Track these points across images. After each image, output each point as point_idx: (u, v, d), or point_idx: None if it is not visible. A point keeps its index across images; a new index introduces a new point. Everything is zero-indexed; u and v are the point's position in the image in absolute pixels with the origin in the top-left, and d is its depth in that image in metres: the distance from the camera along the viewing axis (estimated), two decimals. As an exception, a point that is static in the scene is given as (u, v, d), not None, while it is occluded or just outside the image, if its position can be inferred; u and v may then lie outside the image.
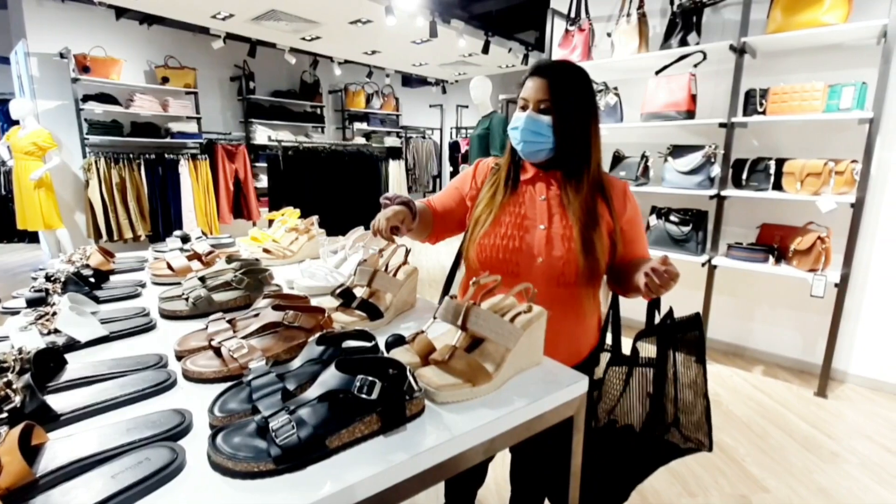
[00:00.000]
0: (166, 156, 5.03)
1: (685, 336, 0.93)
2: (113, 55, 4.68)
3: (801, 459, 1.97)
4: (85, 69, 4.46)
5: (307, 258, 1.51)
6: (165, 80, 5.12)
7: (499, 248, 1.01)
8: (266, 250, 1.49)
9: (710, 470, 1.89)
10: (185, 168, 5.15)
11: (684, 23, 2.68)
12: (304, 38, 5.17)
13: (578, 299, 1.00)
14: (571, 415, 0.73)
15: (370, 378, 0.57)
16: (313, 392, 0.58)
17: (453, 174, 8.14)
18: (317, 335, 0.71)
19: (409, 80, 7.83)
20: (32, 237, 5.01)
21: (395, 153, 7.37)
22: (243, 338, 0.78)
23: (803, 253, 2.43)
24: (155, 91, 5.06)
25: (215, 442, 0.53)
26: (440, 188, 8.89)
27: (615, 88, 3.01)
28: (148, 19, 4.87)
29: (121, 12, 4.75)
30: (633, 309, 1.23)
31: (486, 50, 4.81)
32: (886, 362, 2.51)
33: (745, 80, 2.57)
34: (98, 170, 4.58)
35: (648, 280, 0.83)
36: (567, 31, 3.15)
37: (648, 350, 0.93)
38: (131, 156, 4.80)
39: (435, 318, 0.77)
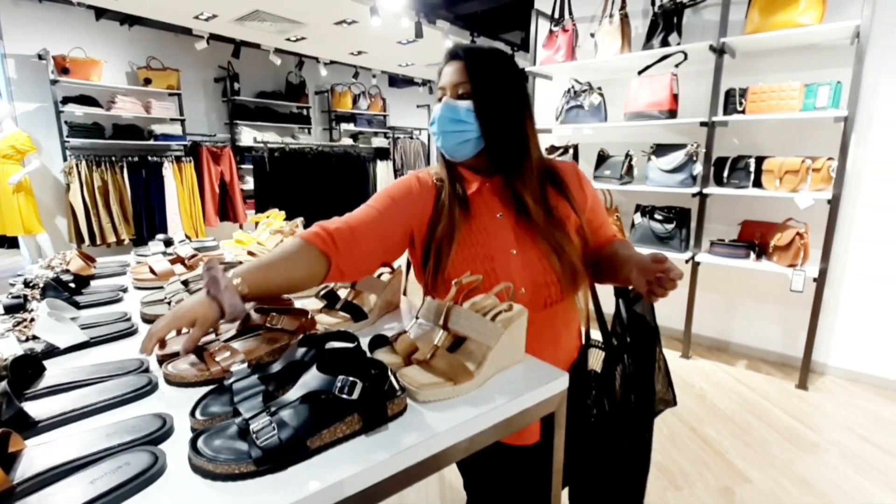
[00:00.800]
0: (150, 158, 4.97)
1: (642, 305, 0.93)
2: (93, 56, 4.61)
3: (783, 451, 2.01)
4: (64, 70, 4.38)
5: (292, 260, 1.50)
6: (148, 81, 5.05)
7: (477, 290, 0.82)
8: (251, 253, 1.48)
9: (695, 463, 1.93)
10: (169, 171, 5.09)
11: (665, 23, 2.72)
12: (289, 39, 5.15)
13: (566, 311, 0.95)
14: (553, 411, 0.75)
15: (351, 378, 0.57)
16: (294, 393, 0.58)
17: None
18: (299, 337, 0.71)
19: (396, 81, 7.82)
20: (12, 242, 4.91)
21: (382, 154, 7.35)
22: (225, 341, 0.77)
23: (783, 249, 2.49)
24: (137, 93, 4.99)
25: (196, 445, 0.53)
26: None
27: (599, 88, 3.05)
28: (129, 20, 4.80)
29: (100, 13, 4.68)
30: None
31: (471, 50, 4.82)
32: (864, 354, 2.57)
33: (725, 79, 2.61)
34: (79, 173, 4.51)
35: (653, 288, 0.82)
36: (551, 31, 3.18)
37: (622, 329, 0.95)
38: (114, 158, 4.73)
39: (417, 318, 0.78)
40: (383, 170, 7.21)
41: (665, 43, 2.72)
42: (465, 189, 0.93)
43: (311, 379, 0.59)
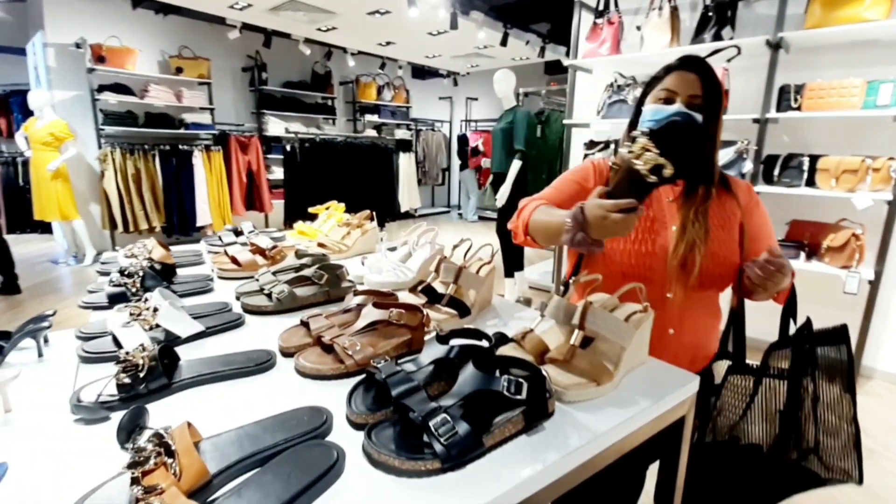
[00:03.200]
0: (180, 147, 5.02)
1: (827, 352, 0.88)
2: (128, 45, 4.64)
3: (838, 455, 1.98)
4: (100, 59, 4.42)
5: (362, 253, 1.51)
6: (179, 70, 5.08)
7: (630, 253, 0.96)
8: (321, 244, 1.49)
9: (749, 465, 1.91)
10: (198, 159, 5.13)
11: (718, 17, 2.65)
12: (319, 29, 5.13)
13: (710, 302, 0.97)
14: (683, 415, 0.74)
15: (518, 378, 0.57)
16: (460, 390, 0.58)
17: (462, 167, 8.12)
18: (434, 333, 0.71)
19: (420, 72, 7.77)
20: (45, 228, 5.00)
21: (405, 146, 7.35)
22: (352, 335, 0.78)
23: (836, 250, 2.44)
24: (169, 81, 5.02)
25: (373, 440, 0.53)
26: (449, 181, 8.89)
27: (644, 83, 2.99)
28: (164, 9, 4.82)
29: (137, 2, 4.70)
30: (757, 327, 1.16)
31: (504, 42, 4.77)
32: (916, 359, 2.52)
33: (778, 75, 2.55)
34: (113, 160, 4.56)
35: (751, 272, 0.82)
36: (595, 23, 3.12)
37: (781, 363, 0.88)
38: (146, 146, 4.78)
39: (543, 316, 0.77)
40: (405, 162, 7.21)
41: (718, 37, 2.66)
42: None
43: (472, 378, 0.59)
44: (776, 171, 2.61)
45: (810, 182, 2.51)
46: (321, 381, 0.71)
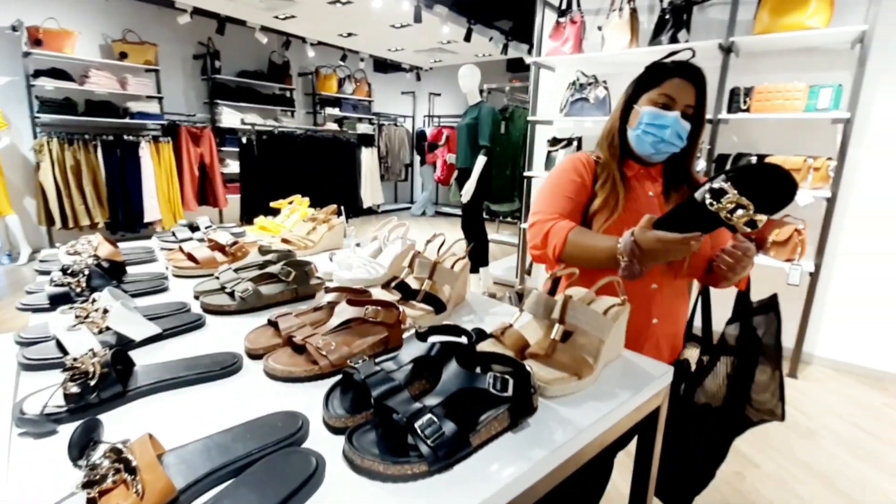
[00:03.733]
0: (125, 137, 4.70)
1: (760, 321, 0.97)
2: (66, 28, 4.29)
3: (783, 437, 2.11)
4: (37, 42, 4.07)
5: (329, 249, 1.46)
6: (123, 55, 4.76)
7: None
8: (285, 240, 1.42)
9: (705, 449, 2.00)
10: (146, 151, 4.83)
11: (675, 20, 2.75)
12: (277, 17, 4.94)
13: (685, 291, 1.03)
14: (659, 405, 0.75)
15: (504, 375, 0.56)
16: (444, 389, 0.56)
17: (422, 162, 8.06)
18: (412, 331, 0.69)
19: (383, 66, 7.65)
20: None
21: (367, 140, 7.21)
22: (325, 334, 0.74)
23: (781, 244, 2.59)
24: (112, 67, 4.69)
25: (354, 444, 0.51)
26: (412, 177, 8.81)
27: (604, 82, 3.07)
28: (106, -11, 4.49)
29: (75, -20, 4.36)
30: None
31: (468, 38, 4.77)
32: (849, 345, 2.72)
33: (729, 77, 2.67)
34: (50, 151, 4.22)
35: (721, 261, 0.85)
36: (558, 22, 3.17)
37: (731, 337, 0.96)
38: (87, 137, 4.45)
39: (522, 310, 0.77)
40: (367, 157, 7.08)
41: (674, 39, 2.76)
42: (627, 171, 1.07)
43: (456, 376, 0.57)
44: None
45: (758, 180, 2.65)
46: (294, 384, 0.67)
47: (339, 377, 0.64)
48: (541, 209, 1.05)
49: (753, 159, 2.66)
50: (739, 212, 0.72)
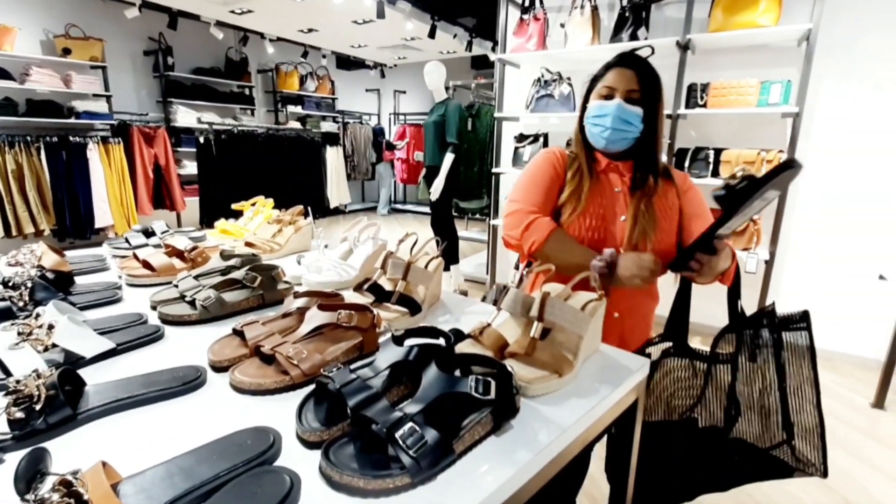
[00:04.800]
0: (71, 139, 4.42)
1: (791, 338, 0.91)
2: (4, 23, 3.99)
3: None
4: (-33, 36, 3.77)
5: (296, 251, 1.41)
6: (67, 51, 4.47)
7: (584, 240, 1.01)
8: (249, 244, 1.36)
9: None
10: (94, 153, 4.56)
11: (635, 18, 2.81)
12: (233, 11, 4.76)
13: (651, 286, 1.02)
14: (637, 398, 0.75)
15: (486, 377, 0.54)
16: (424, 394, 0.54)
17: (378, 160, 7.94)
18: (388, 335, 0.66)
19: (346, 63, 7.51)
20: None
21: (331, 139, 7.06)
22: (296, 342, 0.70)
23: (738, 234, 2.69)
24: (54, 64, 4.40)
25: (331, 459, 0.48)
26: (378, 176, 8.69)
27: (569, 78, 3.10)
28: (44, -20, 4.21)
29: (9, -29, 4.06)
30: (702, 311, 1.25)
31: (432, 34, 4.74)
32: (802, 328, 2.87)
33: (686, 74, 2.76)
34: (-13, 155, 3.92)
35: (698, 255, 0.85)
36: (522, 19, 3.18)
37: (729, 347, 0.91)
38: (29, 138, 4.16)
39: (499, 309, 0.75)
40: (333, 156, 6.94)
41: (634, 37, 2.82)
42: (596, 167, 1.08)
43: (437, 380, 0.55)
44: (686, 164, 2.83)
45: (715, 173, 2.75)
46: (263, 397, 0.64)
47: (312, 387, 0.60)
48: (518, 198, 1.06)
49: (711, 153, 2.76)
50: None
